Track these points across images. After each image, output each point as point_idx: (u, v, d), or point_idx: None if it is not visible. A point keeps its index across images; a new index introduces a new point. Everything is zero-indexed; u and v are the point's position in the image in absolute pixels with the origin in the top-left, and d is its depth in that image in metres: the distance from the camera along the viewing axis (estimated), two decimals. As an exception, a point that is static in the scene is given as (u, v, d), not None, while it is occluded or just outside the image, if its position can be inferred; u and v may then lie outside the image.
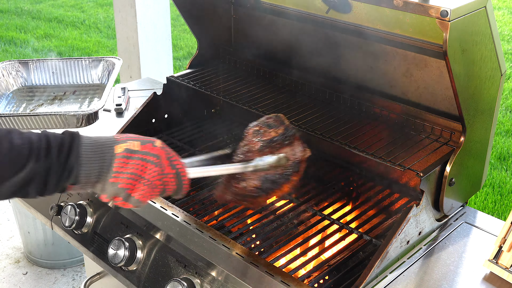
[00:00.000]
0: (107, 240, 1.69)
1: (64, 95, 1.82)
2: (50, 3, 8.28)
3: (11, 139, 1.09)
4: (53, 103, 1.77)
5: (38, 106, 1.76)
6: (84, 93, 1.82)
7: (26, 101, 1.81)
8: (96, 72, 1.88)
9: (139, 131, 2.05)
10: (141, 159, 1.15)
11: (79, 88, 1.86)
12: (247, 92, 2.01)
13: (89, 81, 1.88)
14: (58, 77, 1.89)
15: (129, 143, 1.15)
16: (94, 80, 1.88)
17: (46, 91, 1.86)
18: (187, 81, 2.07)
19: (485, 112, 1.60)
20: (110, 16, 7.62)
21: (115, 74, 1.77)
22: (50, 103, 1.78)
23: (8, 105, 1.77)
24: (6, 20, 7.54)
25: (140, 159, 1.15)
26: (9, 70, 1.86)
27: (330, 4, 1.67)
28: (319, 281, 1.45)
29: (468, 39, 1.40)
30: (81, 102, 1.77)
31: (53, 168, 1.09)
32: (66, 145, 1.11)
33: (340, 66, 1.95)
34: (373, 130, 1.76)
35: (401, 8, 1.34)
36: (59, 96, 1.82)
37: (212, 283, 1.45)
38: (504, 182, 4.13)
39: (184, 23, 3.26)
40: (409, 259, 1.52)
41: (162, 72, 3.85)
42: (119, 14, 3.68)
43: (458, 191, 1.65)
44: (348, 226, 1.64)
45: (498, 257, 1.48)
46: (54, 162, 1.09)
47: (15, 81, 1.87)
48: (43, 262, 3.40)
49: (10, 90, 1.86)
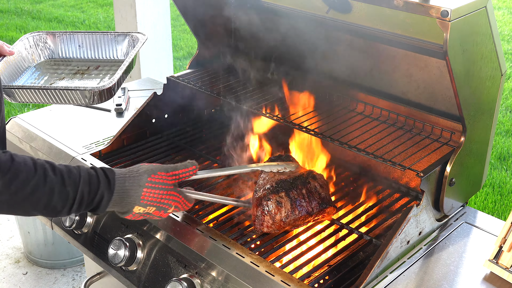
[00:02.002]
0: (107, 240, 1.69)
1: (87, 69, 1.80)
2: (50, 3, 8.28)
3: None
4: (74, 78, 1.76)
5: (59, 80, 1.75)
6: (107, 69, 1.80)
7: (49, 73, 1.79)
8: (121, 47, 1.85)
9: (139, 131, 2.05)
10: (149, 216, 1.48)
11: (103, 63, 1.84)
12: (247, 92, 2.01)
13: (114, 56, 1.85)
14: (84, 51, 1.87)
15: (148, 208, 1.44)
16: (118, 55, 1.85)
17: (70, 65, 1.84)
18: (187, 81, 2.07)
19: (485, 112, 1.60)
20: (110, 16, 7.62)
21: (136, 50, 1.73)
22: (72, 77, 1.76)
23: (30, 78, 1.76)
24: (6, 20, 7.54)
25: (147, 217, 1.48)
26: (37, 42, 1.84)
27: (330, 4, 1.67)
28: (319, 281, 1.45)
29: (469, 39, 1.40)
30: (101, 77, 1.74)
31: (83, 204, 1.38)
32: (98, 194, 1.38)
33: (340, 66, 1.94)
34: (373, 130, 1.76)
35: (401, 8, 1.35)
36: (82, 70, 1.80)
37: (212, 283, 1.45)
38: (504, 182, 4.13)
39: (184, 23, 3.26)
40: (409, 259, 1.52)
41: (162, 72, 3.85)
42: (119, 14, 3.68)
43: (458, 191, 1.65)
44: (348, 226, 1.64)
45: (498, 257, 1.48)
46: (85, 203, 1.37)
47: (42, 53, 1.86)
48: (43, 262, 3.40)
49: (36, 62, 1.84)
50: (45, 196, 1.30)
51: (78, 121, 2.21)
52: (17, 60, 1.77)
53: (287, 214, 1.55)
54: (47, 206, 1.31)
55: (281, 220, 1.55)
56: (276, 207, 1.54)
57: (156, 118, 2.09)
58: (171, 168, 1.48)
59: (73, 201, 1.34)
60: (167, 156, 1.99)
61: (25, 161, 1.29)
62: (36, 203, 1.30)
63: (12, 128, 2.16)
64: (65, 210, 1.35)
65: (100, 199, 1.37)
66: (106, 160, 1.93)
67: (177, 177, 1.48)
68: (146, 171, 1.43)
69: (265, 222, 1.55)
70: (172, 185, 1.47)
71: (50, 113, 2.27)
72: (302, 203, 1.57)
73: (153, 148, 2.04)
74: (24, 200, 1.28)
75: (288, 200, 1.55)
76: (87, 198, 1.35)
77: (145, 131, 2.08)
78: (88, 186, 1.35)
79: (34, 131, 2.10)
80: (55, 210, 1.34)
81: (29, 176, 1.27)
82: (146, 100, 2.03)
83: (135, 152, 2.01)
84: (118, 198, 1.39)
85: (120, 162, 1.93)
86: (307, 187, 1.60)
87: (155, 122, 2.10)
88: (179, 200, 1.48)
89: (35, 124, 2.15)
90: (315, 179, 1.64)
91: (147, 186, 1.41)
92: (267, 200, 1.55)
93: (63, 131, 2.11)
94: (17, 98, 1.65)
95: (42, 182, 1.29)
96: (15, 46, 1.78)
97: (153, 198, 1.42)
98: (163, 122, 2.12)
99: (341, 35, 1.88)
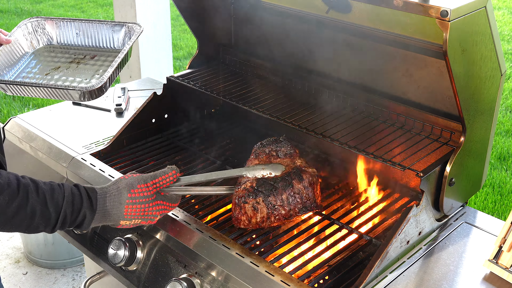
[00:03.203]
0: (107, 240, 1.69)
1: (84, 58, 1.80)
2: (50, 3, 8.28)
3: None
4: (69, 67, 1.75)
5: (54, 70, 1.74)
6: (102, 59, 1.80)
7: (46, 61, 1.79)
8: (118, 37, 1.85)
9: (139, 131, 2.05)
10: (139, 225, 1.51)
11: (99, 52, 1.84)
12: (247, 92, 2.01)
13: (110, 45, 1.85)
14: (82, 39, 1.87)
15: (134, 221, 1.46)
16: (115, 45, 1.85)
17: (68, 53, 1.84)
18: (187, 81, 2.07)
19: (485, 112, 1.60)
20: (110, 16, 7.62)
21: (131, 42, 1.72)
22: (67, 67, 1.75)
23: (27, 67, 1.75)
24: (6, 20, 7.54)
25: (137, 226, 1.51)
26: (35, 28, 1.84)
27: (330, 4, 1.67)
28: (319, 281, 1.45)
29: (468, 39, 1.40)
30: (96, 69, 1.74)
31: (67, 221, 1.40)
32: (83, 208, 1.40)
33: (340, 66, 1.95)
34: (373, 130, 1.76)
35: (401, 8, 1.34)
36: (78, 59, 1.80)
37: (212, 283, 1.45)
38: (504, 182, 4.13)
39: (184, 23, 3.26)
40: (409, 259, 1.52)
41: (162, 72, 3.85)
42: (119, 14, 3.68)
43: (458, 191, 1.65)
44: (348, 226, 1.64)
45: (498, 257, 1.48)
46: (68, 222, 1.39)
47: (40, 39, 1.85)
48: (43, 262, 3.40)
49: (35, 48, 1.84)
50: (27, 217, 1.31)
51: (78, 121, 2.21)
52: (15, 46, 1.77)
53: (263, 219, 1.55)
54: (29, 226, 1.33)
55: (257, 223, 1.56)
56: (252, 211, 1.54)
57: (156, 118, 2.09)
58: (150, 177, 1.47)
59: (56, 221, 1.35)
60: (167, 156, 2.00)
61: (9, 181, 1.29)
62: (19, 224, 1.32)
63: (12, 128, 2.16)
64: (48, 229, 1.36)
65: (82, 218, 1.39)
66: (106, 160, 1.93)
67: (157, 185, 1.47)
68: (126, 186, 1.43)
69: (241, 221, 1.56)
70: (154, 194, 1.47)
71: (50, 113, 2.27)
72: (280, 210, 1.54)
73: (153, 148, 2.04)
74: (6, 222, 1.29)
75: (265, 207, 1.54)
76: (70, 217, 1.37)
77: (145, 131, 2.08)
78: (71, 207, 1.36)
79: (34, 131, 2.10)
80: (37, 229, 1.35)
81: (12, 198, 1.28)
82: (146, 100, 2.03)
83: (135, 152, 2.01)
84: (101, 216, 1.41)
85: (120, 162, 1.93)
86: (289, 191, 1.55)
87: (155, 122, 2.10)
88: (164, 207, 1.49)
89: (35, 124, 2.15)
90: (300, 179, 1.57)
91: (128, 203, 1.42)
92: (244, 202, 1.54)
93: (63, 131, 2.11)
94: (9, 92, 1.65)
95: (25, 203, 1.30)
96: (14, 33, 1.78)
97: (137, 212, 1.44)
98: (163, 122, 2.12)
99: (341, 35, 1.88)
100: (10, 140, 2.14)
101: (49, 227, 1.36)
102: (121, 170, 1.87)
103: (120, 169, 1.87)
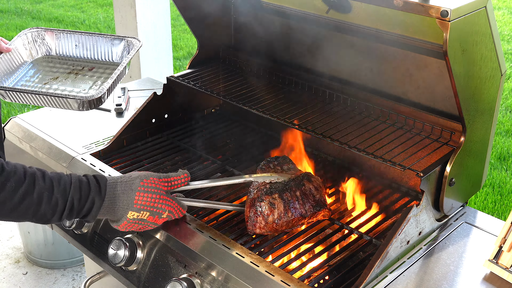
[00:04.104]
0: (107, 240, 1.69)
1: (82, 70, 1.81)
2: (50, 3, 8.28)
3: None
4: (68, 78, 1.76)
5: (53, 80, 1.75)
6: (100, 71, 1.81)
7: (45, 71, 1.80)
8: (116, 50, 1.86)
9: (139, 131, 2.05)
10: (144, 224, 1.48)
11: (97, 64, 1.85)
12: (247, 92, 2.01)
13: (109, 58, 1.86)
14: (80, 51, 1.88)
15: (142, 213, 1.44)
16: (113, 58, 1.86)
17: (66, 64, 1.85)
18: (187, 81, 2.07)
19: (485, 112, 1.60)
20: (110, 16, 7.62)
21: (130, 56, 1.74)
22: (65, 77, 1.77)
23: (25, 76, 1.76)
24: (6, 20, 7.54)
25: (142, 224, 1.48)
26: (35, 38, 1.85)
27: (330, 4, 1.67)
28: (319, 281, 1.45)
29: (468, 39, 1.40)
30: (94, 81, 1.75)
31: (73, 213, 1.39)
32: (89, 199, 1.39)
33: (340, 66, 1.94)
34: (373, 130, 1.76)
35: (401, 8, 1.34)
36: (76, 70, 1.81)
37: (212, 283, 1.45)
38: (504, 182, 4.13)
39: (184, 23, 3.26)
40: (409, 259, 1.52)
41: (162, 72, 3.85)
42: (119, 14, 3.68)
43: (458, 191, 1.65)
44: (348, 226, 1.64)
45: (498, 257, 1.48)
46: (76, 210, 1.38)
47: (39, 49, 1.86)
48: (43, 262, 3.40)
49: (34, 57, 1.85)
50: (34, 203, 1.30)
51: (78, 121, 2.21)
52: (14, 55, 1.78)
53: (280, 216, 1.55)
54: (36, 213, 1.32)
55: (274, 222, 1.55)
56: (269, 208, 1.55)
57: (156, 118, 2.09)
58: (164, 175, 1.50)
59: (63, 208, 1.34)
60: (167, 156, 2.00)
61: (16, 169, 1.30)
62: (25, 211, 1.31)
63: (12, 128, 2.16)
64: (55, 217, 1.35)
65: (90, 206, 1.38)
66: (106, 160, 1.93)
67: (169, 184, 1.50)
68: (139, 176, 1.45)
69: (257, 223, 1.55)
70: (165, 190, 1.48)
71: (50, 113, 2.27)
72: (296, 205, 1.58)
73: (153, 148, 2.04)
74: (13, 209, 1.29)
75: (282, 202, 1.56)
76: (77, 204, 1.36)
77: (145, 131, 2.08)
78: (79, 193, 1.36)
79: (34, 131, 2.10)
80: (44, 218, 1.34)
81: (18, 185, 1.28)
82: (146, 100, 2.03)
83: (135, 152, 2.01)
84: (110, 204, 1.40)
85: (120, 162, 1.93)
86: (301, 189, 1.61)
87: (155, 122, 2.10)
88: (173, 205, 1.50)
89: (35, 124, 2.15)
90: (310, 181, 1.65)
91: (140, 190, 1.42)
92: (260, 201, 1.55)
93: (63, 131, 2.11)
94: (8, 99, 1.66)
95: (31, 189, 1.30)
96: (14, 42, 1.79)
97: (147, 202, 1.43)
98: (163, 122, 2.12)
99: (341, 35, 1.88)
100: (10, 140, 2.14)
101: (56, 215, 1.35)
102: (121, 170, 1.87)
103: (120, 169, 1.87)
